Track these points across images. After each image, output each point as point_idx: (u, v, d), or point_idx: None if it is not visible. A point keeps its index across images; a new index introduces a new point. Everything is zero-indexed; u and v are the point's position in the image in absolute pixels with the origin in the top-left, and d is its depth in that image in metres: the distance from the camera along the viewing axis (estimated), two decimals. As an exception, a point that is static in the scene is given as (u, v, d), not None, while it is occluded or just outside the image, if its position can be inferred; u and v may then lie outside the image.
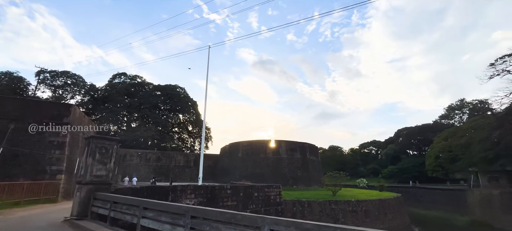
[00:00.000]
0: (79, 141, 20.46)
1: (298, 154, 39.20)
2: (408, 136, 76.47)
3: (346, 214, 22.89)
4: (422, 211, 40.21)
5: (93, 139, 8.89)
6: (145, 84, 57.94)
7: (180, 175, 42.64)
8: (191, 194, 12.02)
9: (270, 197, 16.19)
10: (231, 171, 39.97)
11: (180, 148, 56.29)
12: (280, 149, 38.97)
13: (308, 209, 22.54)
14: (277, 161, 38.04)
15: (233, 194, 14.15)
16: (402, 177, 62.95)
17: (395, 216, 25.92)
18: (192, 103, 58.67)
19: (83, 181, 8.39)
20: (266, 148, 38.98)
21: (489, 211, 31.09)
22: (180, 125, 59.68)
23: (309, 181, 37.61)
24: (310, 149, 41.22)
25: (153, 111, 53.12)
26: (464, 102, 65.19)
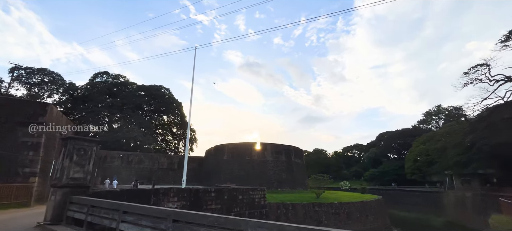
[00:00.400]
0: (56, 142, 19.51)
1: (283, 156, 39.47)
2: (389, 140, 79.13)
3: (329, 216, 23.27)
4: (402, 212, 41.66)
5: (70, 139, 8.51)
6: (129, 84, 56.32)
7: (163, 177, 41.68)
8: (174, 197, 11.76)
9: (254, 199, 16.16)
10: (216, 174, 39.57)
11: (164, 150, 55.08)
12: (266, 152, 39.07)
13: (292, 211, 22.73)
14: (262, 164, 38.09)
15: (217, 197, 13.99)
16: (383, 180, 64.95)
17: (376, 218, 26.65)
18: (177, 105, 57.67)
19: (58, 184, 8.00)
20: (251, 151, 38.95)
21: (462, 212, 32.70)
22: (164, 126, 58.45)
23: (294, 183, 37.93)
24: (295, 151, 41.63)
25: (136, 112, 51.69)
26: (440, 108, 68.42)
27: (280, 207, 22.35)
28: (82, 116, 45.26)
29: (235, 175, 37.20)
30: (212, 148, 44.10)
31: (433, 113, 70.81)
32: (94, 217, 6.92)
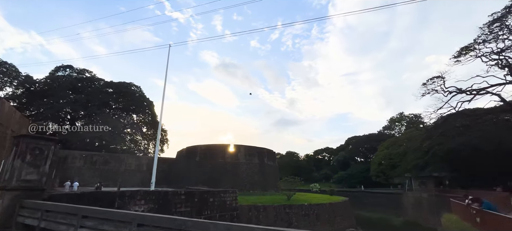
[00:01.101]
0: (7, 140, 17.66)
1: (256, 159, 39.63)
2: (357, 144, 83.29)
3: (299, 218, 23.81)
4: (367, 213, 43.99)
5: (24, 138, 7.77)
6: (95, 79, 52.84)
7: (131, 179, 39.63)
8: (141, 200, 11.23)
9: (226, 202, 16.01)
10: (187, 176, 38.54)
11: (132, 151, 52.42)
12: (239, 154, 38.95)
13: (263, 213, 22.87)
14: (235, 166, 37.90)
15: (188, 199, 13.65)
16: (350, 182, 68.13)
17: (343, 219, 27.81)
18: (148, 104, 55.31)
19: (7, 186, 7.24)
20: (224, 153, 38.60)
21: (419, 212, 35.44)
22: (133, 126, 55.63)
23: (266, 186, 38.24)
24: (268, 154, 42.04)
25: (102, 109, 48.59)
26: (403, 116, 73.70)
27: (252, 209, 22.38)
28: (40, 112, 41.50)
29: (207, 177, 36.56)
30: (184, 149, 42.95)
31: (396, 120, 76.03)
32: (48, 223, 6.37)
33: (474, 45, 29.06)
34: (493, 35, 27.66)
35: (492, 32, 27.69)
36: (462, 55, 30.02)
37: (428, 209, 32.35)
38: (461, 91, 29.57)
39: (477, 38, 28.74)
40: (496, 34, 27.56)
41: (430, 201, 32.77)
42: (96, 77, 53.34)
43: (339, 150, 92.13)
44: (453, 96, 30.29)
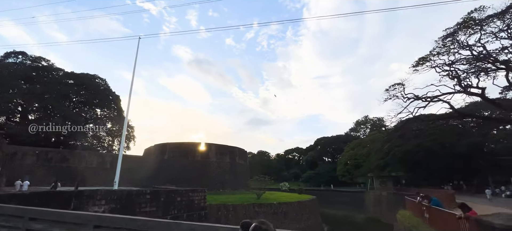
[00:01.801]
0: None
1: (227, 158, 39.43)
2: (325, 145, 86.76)
3: (268, 216, 24.18)
4: (332, 211, 46.10)
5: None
6: (53, 69, 48.44)
7: (92, 178, 37.06)
8: (101, 200, 10.57)
9: (194, 201, 15.72)
10: (155, 175, 37.13)
11: (94, 147, 49.05)
12: (210, 152, 38.46)
13: (232, 212, 22.86)
14: (206, 165, 37.35)
15: (153, 199, 13.16)
16: (318, 181, 70.78)
17: (310, 217, 28.83)
18: (113, 98, 52.10)
19: None
20: (195, 151, 37.86)
21: (379, 209, 38.03)
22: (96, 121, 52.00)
23: (236, 184, 38.24)
24: (240, 153, 42.07)
25: (61, 102, 44.73)
26: (367, 119, 78.39)
27: (221, 209, 22.26)
28: (-17, 103, 37.07)
29: (177, 176, 35.57)
30: (152, 147, 41.32)
31: (362, 123, 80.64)
32: (-12, 226, 5.73)
33: (430, 57, 31.77)
34: (446, 48, 30.49)
35: (445, 46, 30.51)
36: (419, 65, 32.69)
37: (387, 206, 34.84)
38: (418, 98, 32.17)
39: (432, 50, 31.47)
40: (448, 47, 30.40)
41: (389, 199, 35.32)
42: (55, 67, 48.97)
43: (309, 150, 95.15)
44: (411, 102, 32.81)
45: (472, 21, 28.57)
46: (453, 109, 31.76)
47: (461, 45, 29.78)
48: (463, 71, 29.96)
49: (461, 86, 30.04)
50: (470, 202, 23.44)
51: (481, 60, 28.51)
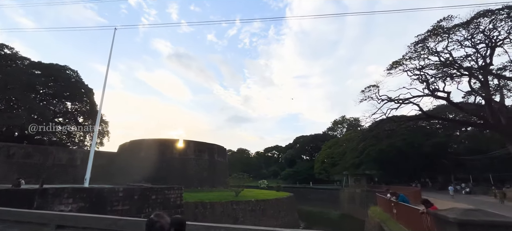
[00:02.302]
0: None
1: (206, 155, 39.00)
2: (304, 143, 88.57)
3: (246, 214, 24.30)
4: (309, 207, 47.27)
5: None
6: (18, 58, 44.82)
7: (60, 175, 35.02)
8: (68, 199, 10.01)
9: (170, 199, 15.40)
10: (130, 172, 35.81)
11: (64, 143, 46.28)
12: (188, 150, 37.81)
13: (210, 210, 22.68)
14: (184, 162, 36.68)
15: (126, 197, 12.71)
16: (296, 178, 72.14)
17: (287, 213, 29.34)
18: (86, 91, 49.32)
19: None
20: (172, 148, 37.03)
21: (353, 206, 39.61)
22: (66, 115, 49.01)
23: (215, 182, 38.00)
24: (219, 150, 41.78)
25: (27, 94, 41.58)
26: (344, 119, 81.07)
27: (198, 206, 22.02)
28: None
29: (153, 173, 34.59)
30: (127, 143, 39.84)
31: (339, 122, 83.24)
32: None
33: (403, 61, 33.49)
34: (417, 53, 32.31)
35: (416, 51, 32.31)
36: (393, 69, 34.36)
37: (360, 203, 36.38)
38: (391, 100, 33.84)
39: (405, 55, 33.20)
40: (419, 53, 32.25)
41: (362, 196, 36.89)
42: (19, 56, 45.35)
43: (288, 148, 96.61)
44: (384, 103, 34.43)
45: (440, 29, 30.49)
46: (422, 112, 33.78)
47: (430, 51, 31.69)
48: (431, 76, 31.93)
49: (429, 90, 32.02)
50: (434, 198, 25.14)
51: (447, 66, 30.54)
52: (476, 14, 27.79)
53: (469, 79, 29.94)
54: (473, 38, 28.99)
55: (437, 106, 41.27)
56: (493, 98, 28.11)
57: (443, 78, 31.20)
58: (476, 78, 29.28)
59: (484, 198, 27.05)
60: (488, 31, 27.84)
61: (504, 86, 27.92)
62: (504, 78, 27.58)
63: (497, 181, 33.56)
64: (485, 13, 27.21)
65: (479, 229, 2.34)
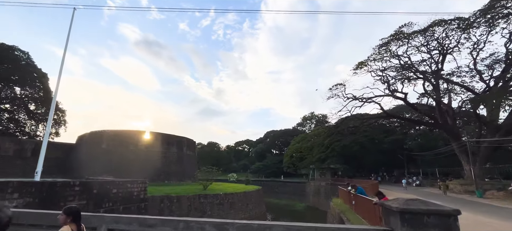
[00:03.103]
0: None
1: (174, 148, 37.90)
2: (274, 138, 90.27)
3: (213, 207, 24.19)
4: (276, 200, 48.56)
5: None
6: (-47, 34, 39.06)
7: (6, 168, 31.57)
8: (13, 194, 9.06)
9: (133, 193, 14.74)
10: (90, 165, 33.55)
11: (11, 132, 41.70)
12: (155, 142, 36.38)
13: (176, 204, 22.16)
14: (150, 155, 35.24)
15: (84, 191, 11.89)
16: (265, 172, 73.45)
17: (255, 206, 29.81)
18: (39, 75, 44.69)
19: None
20: (138, 140, 35.36)
21: (317, 198, 41.51)
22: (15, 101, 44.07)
23: (183, 175, 37.19)
24: (188, 143, 40.86)
25: (-37, 76, 36.55)
26: (313, 115, 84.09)
27: (164, 200, 21.37)
28: None
29: (116, 166, 32.78)
30: (87, 134, 37.14)
31: (308, 118, 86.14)
32: None
33: (368, 62, 35.62)
34: (381, 56, 34.56)
35: (380, 53, 34.55)
36: (358, 69, 36.40)
37: (324, 195, 38.26)
38: (355, 98, 35.92)
39: (370, 56, 35.32)
40: (382, 55, 34.52)
41: (326, 188, 38.82)
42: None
43: (258, 142, 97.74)
44: (350, 101, 36.48)
45: (402, 34, 32.88)
46: (383, 111, 36.37)
47: (392, 55, 34.06)
48: (392, 77, 34.45)
49: (389, 90, 34.54)
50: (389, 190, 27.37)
51: (406, 69, 33.12)
52: (432, 23, 30.42)
53: (424, 82, 32.85)
54: (428, 44, 31.75)
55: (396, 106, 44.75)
56: (442, 101, 31.19)
57: (401, 80, 33.82)
58: (429, 81, 32.20)
59: (431, 190, 30.08)
60: (441, 39, 30.69)
61: (452, 90, 31.07)
62: (452, 83, 30.69)
63: (442, 174, 37.50)
64: (440, 23, 29.91)
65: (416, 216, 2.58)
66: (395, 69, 34.01)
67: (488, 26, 27.14)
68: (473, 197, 22.08)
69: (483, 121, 28.11)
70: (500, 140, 25.73)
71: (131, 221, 3.82)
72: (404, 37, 32.42)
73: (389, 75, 34.51)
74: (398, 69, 33.68)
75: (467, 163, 26.86)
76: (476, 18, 27.43)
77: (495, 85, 26.33)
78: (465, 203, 18.18)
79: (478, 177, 24.79)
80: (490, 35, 27.71)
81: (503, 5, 25.33)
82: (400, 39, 32.82)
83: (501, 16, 25.87)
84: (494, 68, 28.03)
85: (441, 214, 2.58)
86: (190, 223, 3.54)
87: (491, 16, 26.29)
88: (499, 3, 25.44)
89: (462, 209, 9.28)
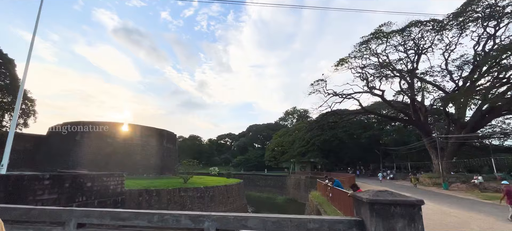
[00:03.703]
0: None
1: (154, 141, 36.99)
2: (256, 132, 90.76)
3: (194, 200, 24.01)
4: (257, 193, 49.18)
5: None
6: None
7: (-33, 160, 29.25)
8: (-27, 188, 8.45)
9: (109, 187, 14.25)
10: (63, 157, 32.00)
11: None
12: (134, 135, 35.28)
13: (156, 198, 21.76)
14: (128, 147, 34.18)
15: (55, 185, 11.32)
16: (247, 166, 73.86)
17: (236, 199, 29.96)
18: (5, 61, 41.29)
19: None
20: (116, 132, 34.10)
21: (297, 191, 42.51)
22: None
23: (163, 169, 36.53)
24: (168, 136, 40.02)
25: None
26: (295, 110, 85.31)
27: (143, 194, 20.88)
28: None
29: (91, 159, 31.50)
30: (60, 125, 35.22)
31: (290, 113, 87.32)
32: None
33: (348, 59, 36.52)
34: (361, 53, 35.55)
35: (361, 51, 35.52)
36: (340, 65, 37.24)
37: (304, 188, 39.24)
38: (336, 94, 36.82)
39: (350, 54, 36.21)
40: (362, 53, 35.52)
41: (306, 181, 39.83)
42: None
43: (241, 136, 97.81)
44: (330, 97, 37.35)
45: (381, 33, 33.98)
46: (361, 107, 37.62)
47: (372, 53, 35.16)
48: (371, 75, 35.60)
49: (368, 87, 35.73)
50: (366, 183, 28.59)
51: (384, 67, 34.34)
52: (409, 23, 31.70)
53: (400, 80, 34.32)
54: (405, 44, 33.10)
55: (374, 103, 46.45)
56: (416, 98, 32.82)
57: (380, 77, 35.10)
58: (405, 80, 33.69)
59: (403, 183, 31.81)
60: (417, 40, 32.11)
61: (425, 89, 32.76)
62: (426, 82, 32.33)
63: (414, 168, 39.74)
64: (416, 24, 31.23)
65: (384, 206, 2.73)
66: (374, 67, 35.15)
67: (460, 29, 28.77)
68: (440, 189, 23.66)
69: (451, 118, 29.96)
70: (466, 136, 27.65)
71: (103, 215, 3.69)
72: (383, 36, 33.54)
73: (368, 72, 35.64)
74: (377, 67, 34.85)
75: (436, 157, 28.60)
76: (449, 21, 28.94)
77: (463, 85, 28.06)
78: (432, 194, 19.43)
79: (445, 171, 26.55)
80: (461, 37, 29.44)
81: (474, 10, 26.90)
82: (380, 38, 33.91)
83: (471, 20, 27.49)
84: (463, 69, 29.86)
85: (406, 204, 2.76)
86: (165, 216, 3.49)
87: (463, 19, 27.85)
88: (470, 7, 26.99)
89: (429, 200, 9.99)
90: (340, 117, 41.14)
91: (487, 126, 31.13)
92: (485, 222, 9.58)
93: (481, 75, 25.78)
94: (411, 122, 35.17)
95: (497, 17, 25.63)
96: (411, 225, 2.70)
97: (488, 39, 27.55)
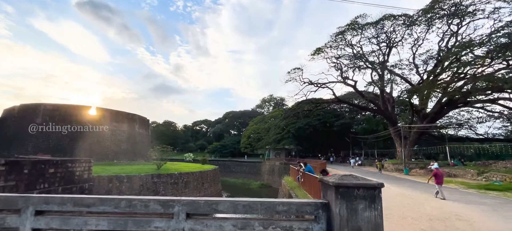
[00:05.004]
0: None
1: (125, 126, 35.47)
2: (233, 118, 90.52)
3: (167, 186, 23.67)
4: (232, 179, 49.65)
5: None
6: None
7: None
8: None
9: (74, 173, 13.50)
10: (21, 142, 29.59)
11: None
12: (103, 119, 33.51)
13: (127, 184, 21.12)
14: (97, 133, 32.46)
15: (11, 171, 10.47)
16: (223, 152, 73.90)
17: (210, 185, 30.02)
18: None
19: None
20: (81, 116, 32.11)
21: (272, 177, 43.60)
22: None
23: (135, 155, 35.35)
24: (140, 121, 38.58)
25: None
26: (272, 97, 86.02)
27: (113, 180, 20.17)
28: None
29: (55, 145, 29.55)
30: (16, 107, 32.33)
31: (267, 100, 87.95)
32: None
33: (324, 48, 37.24)
34: (336, 44, 36.38)
35: (336, 41, 36.33)
36: (316, 54, 37.90)
37: (278, 174, 40.32)
38: (311, 83, 37.62)
39: (327, 43, 36.92)
40: (338, 43, 36.38)
41: (280, 167, 40.91)
42: None
43: (217, 123, 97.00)
44: (306, 86, 38.09)
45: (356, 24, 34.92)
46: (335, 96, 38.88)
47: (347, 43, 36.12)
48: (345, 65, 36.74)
49: (342, 77, 36.92)
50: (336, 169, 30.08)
51: (357, 58, 35.56)
52: (383, 16, 32.90)
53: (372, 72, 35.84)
54: (378, 37, 34.43)
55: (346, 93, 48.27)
56: (385, 90, 34.62)
57: (353, 68, 36.37)
58: (377, 71, 35.26)
59: (369, 169, 33.91)
60: (389, 33, 33.54)
61: (394, 81, 34.62)
62: (395, 74, 34.13)
63: (380, 155, 42.45)
64: (389, 17, 32.51)
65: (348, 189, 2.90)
66: (348, 57, 36.26)
67: (427, 25, 30.49)
68: (401, 174, 25.66)
69: (415, 109, 32.17)
70: (427, 126, 29.96)
71: (64, 201, 3.48)
72: (359, 28, 34.54)
73: (343, 63, 36.73)
74: (351, 58, 35.99)
75: (400, 145, 30.77)
76: (419, 17, 30.50)
77: (427, 79, 30.07)
78: (394, 179, 21.04)
79: (407, 157, 28.73)
80: (428, 33, 31.29)
81: (441, 7, 28.56)
82: (355, 29, 34.88)
83: (438, 17, 29.21)
84: (428, 63, 31.93)
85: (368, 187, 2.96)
86: (133, 201, 3.38)
87: (431, 16, 29.49)
88: (438, 4, 28.60)
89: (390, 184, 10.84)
90: (315, 105, 42.30)
91: (445, 117, 33.86)
92: (436, 203, 10.69)
93: (443, 70, 27.74)
94: (379, 111, 37.17)
95: (460, 15, 27.49)
96: (372, 206, 2.92)
97: (451, 36, 29.57)
